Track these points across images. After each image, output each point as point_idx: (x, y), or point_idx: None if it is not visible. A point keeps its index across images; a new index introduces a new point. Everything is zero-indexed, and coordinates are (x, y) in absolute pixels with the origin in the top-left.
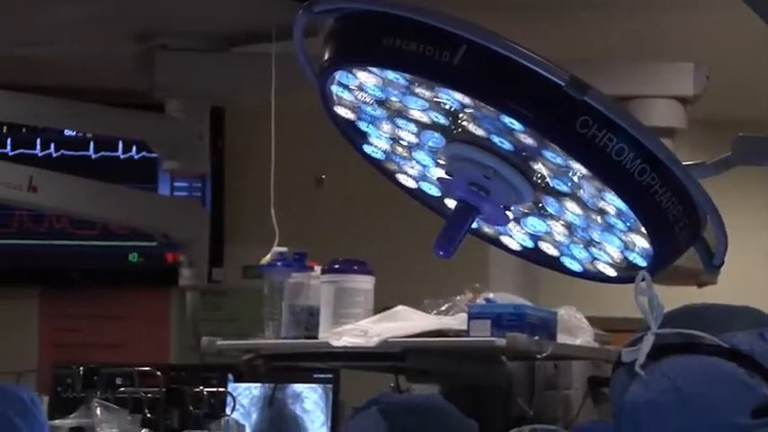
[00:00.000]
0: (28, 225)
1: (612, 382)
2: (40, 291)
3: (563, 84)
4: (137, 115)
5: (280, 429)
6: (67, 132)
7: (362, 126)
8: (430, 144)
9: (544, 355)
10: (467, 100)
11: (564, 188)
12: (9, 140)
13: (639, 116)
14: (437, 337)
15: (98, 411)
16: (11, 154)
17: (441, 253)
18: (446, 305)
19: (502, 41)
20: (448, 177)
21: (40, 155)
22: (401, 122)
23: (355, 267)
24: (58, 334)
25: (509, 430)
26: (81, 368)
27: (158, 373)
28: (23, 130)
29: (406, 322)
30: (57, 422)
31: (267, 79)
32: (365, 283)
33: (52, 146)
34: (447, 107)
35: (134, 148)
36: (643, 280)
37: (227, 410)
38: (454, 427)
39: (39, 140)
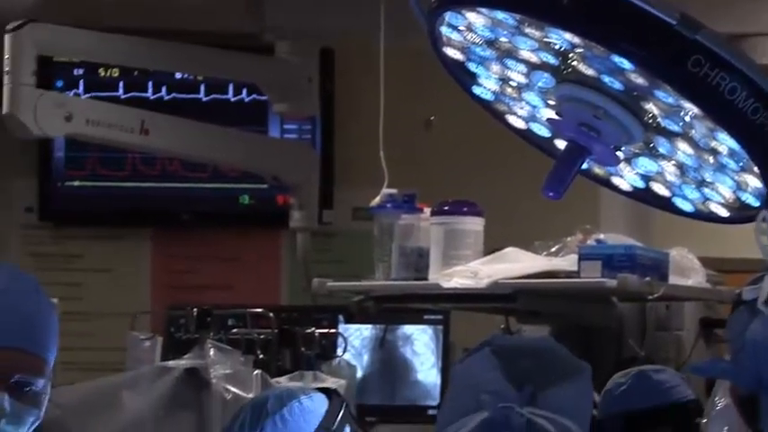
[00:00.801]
0: (140, 168)
1: (732, 320)
2: (152, 233)
3: (674, 22)
4: (247, 58)
5: (390, 370)
6: (178, 75)
7: (472, 67)
8: (540, 84)
9: (655, 296)
10: (576, 40)
11: (675, 128)
12: (121, 84)
13: (752, 54)
14: (547, 278)
15: (211, 352)
16: (123, 97)
17: (550, 194)
18: (556, 246)
19: None
20: (558, 118)
21: (151, 98)
22: (510, 63)
23: (465, 209)
24: (171, 275)
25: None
26: (194, 309)
27: (270, 314)
28: (135, 73)
29: (515, 263)
30: (171, 363)
31: (376, 20)
32: (475, 224)
33: (163, 89)
34: (557, 47)
35: (244, 91)
36: (764, 220)
37: (339, 351)
38: (567, 369)
39: (150, 84)
